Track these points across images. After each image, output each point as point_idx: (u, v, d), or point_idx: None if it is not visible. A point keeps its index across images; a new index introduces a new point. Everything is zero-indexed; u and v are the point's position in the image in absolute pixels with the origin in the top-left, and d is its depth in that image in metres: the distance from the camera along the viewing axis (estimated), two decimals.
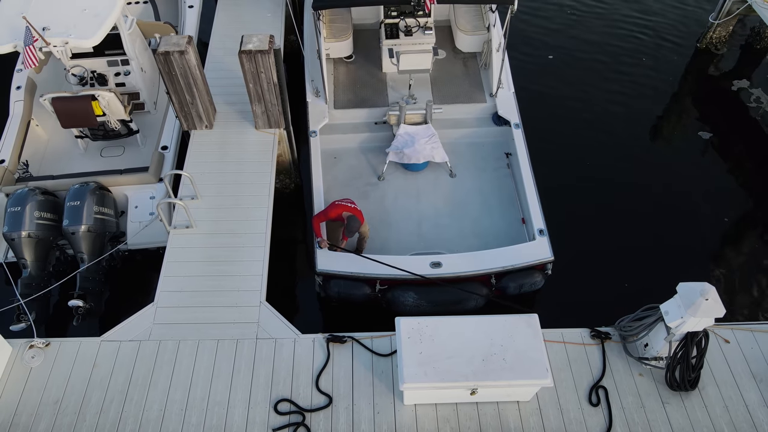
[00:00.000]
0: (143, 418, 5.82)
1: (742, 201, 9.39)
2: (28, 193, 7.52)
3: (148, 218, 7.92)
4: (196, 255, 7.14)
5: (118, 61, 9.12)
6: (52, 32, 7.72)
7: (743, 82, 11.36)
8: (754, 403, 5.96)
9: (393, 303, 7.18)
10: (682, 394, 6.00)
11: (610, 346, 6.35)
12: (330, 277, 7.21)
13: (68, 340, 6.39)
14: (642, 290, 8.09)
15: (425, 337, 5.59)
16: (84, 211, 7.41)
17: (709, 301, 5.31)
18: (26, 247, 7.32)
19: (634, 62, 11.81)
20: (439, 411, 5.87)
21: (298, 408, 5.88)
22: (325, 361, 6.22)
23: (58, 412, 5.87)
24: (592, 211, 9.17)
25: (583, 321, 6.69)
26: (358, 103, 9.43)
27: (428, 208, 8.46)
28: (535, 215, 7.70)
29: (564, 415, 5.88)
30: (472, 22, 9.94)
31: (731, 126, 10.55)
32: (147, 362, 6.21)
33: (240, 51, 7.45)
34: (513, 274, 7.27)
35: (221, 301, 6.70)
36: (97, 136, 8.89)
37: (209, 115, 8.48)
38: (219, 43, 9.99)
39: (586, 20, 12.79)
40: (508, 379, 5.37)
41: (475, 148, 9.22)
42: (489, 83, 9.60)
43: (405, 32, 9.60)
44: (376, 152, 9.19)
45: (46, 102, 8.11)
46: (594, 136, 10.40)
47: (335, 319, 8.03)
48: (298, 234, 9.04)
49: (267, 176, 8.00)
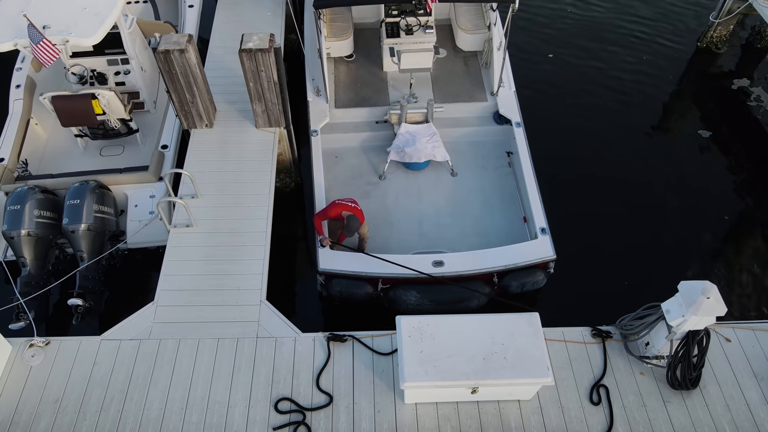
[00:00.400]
0: (143, 417, 5.81)
1: (743, 199, 9.38)
2: (28, 192, 7.51)
3: (148, 217, 7.92)
4: (196, 254, 7.12)
5: (118, 60, 9.11)
6: (52, 31, 7.71)
7: (744, 81, 11.36)
8: (756, 401, 5.95)
9: (395, 302, 7.17)
10: (683, 392, 6.00)
11: (611, 345, 6.34)
12: (332, 277, 7.19)
13: (68, 339, 6.38)
14: (643, 289, 8.08)
15: (426, 335, 5.58)
16: (84, 209, 7.40)
17: (710, 300, 5.30)
18: (26, 246, 7.31)
19: (634, 61, 11.80)
20: (440, 410, 5.86)
21: (299, 407, 5.87)
22: (326, 359, 6.21)
23: (58, 411, 5.86)
24: (592, 210, 9.15)
25: (584, 320, 6.69)
26: (359, 102, 9.41)
27: (430, 207, 8.45)
28: (537, 214, 7.68)
29: (565, 413, 5.87)
30: (473, 20, 9.93)
31: (731, 125, 10.55)
32: (147, 361, 6.20)
33: (240, 49, 7.44)
34: (515, 273, 7.25)
35: (221, 300, 6.69)
36: (97, 135, 8.88)
37: (209, 114, 8.47)
38: (219, 42, 9.98)
39: (586, 19, 12.78)
40: (509, 377, 5.36)
41: (477, 147, 9.21)
42: (490, 82, 9.58)
43: (406, 31, 9.58)
44: (377, 151, 9.18)
45: (45, 101, 8.10)
46: (595, 135, 10.39)
47: (336, 318, 8.01)
48: (299, 233, 9.02)
49: (267, 175, 7.99)
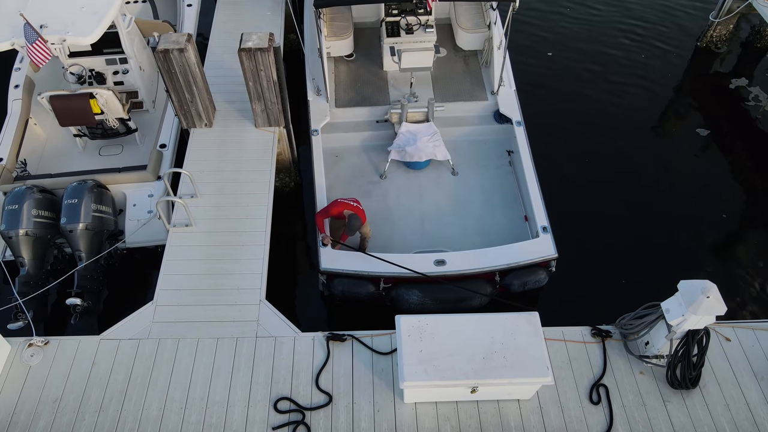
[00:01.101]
0: (142, 417, 5.80)
1: (744, 199, 9.37)
2: (26, 191, 7.49)
3: (147, 216, 7.90)
4: (195, 253, 7.11)
5: (117, 59, 9.10)
6: (49, 30, 7.70)
7: (743, 80, 11.35)
8: (755, 401, 5.95)
9: (397, 301, 7.16)
10: (683, 392, 5.99)
11: (611, 344, 6.33)
12: (334, 276, 7.18)
13: (67, 339, 6.37)
14: (643, 288, 8.06)
15: (425, 335, 5.57)
16: (82, 209, 7.38)
17: (710, 299, 5.29)
18: (24, 246, 7.29)
19: (634, 60, 11.79)
20: (440, 409, 5.86)
21: (298, 406, 5.86)
22: (325, 359, 6.20)
23: (57, 411, 5.84)
24: (591, 210, 9.15)
25: (584, 319, 6.68)
26: (360, 101, 9.41)
27: (431, 206, 8.44)
28: (538, 212, 7.69)
29: (565, 413, 5.87)
30: (473, 20, 9.93)
31: (731, 124, 10.54)
32: (146, 361, 6.18)
33: (239, 49, 7.42)
34: (517, 272, 7.25)
35: (221, 300, 6.67)
36: (96, 135, 8.87)
37: (209, 114, 8.46)
38: (219, 41, 9.97)
39: (586, 19, 12.76)
40: (509, 377, 5.35)
41: (477, 146, 9.21)
42: (490, 81, 9.58)
43: (406, 30, 9.59)
44: (378, 151, 9.17)
45: (44, 100, 8.09)
46: (594, 134, 10.38)
47: (335, 318, 8.01)
48: (298, 232, 9.01)
49: (267, 174, 7.98)
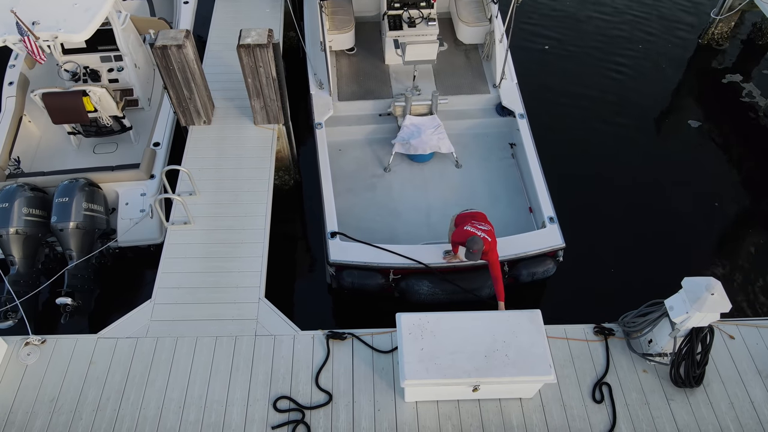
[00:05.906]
0: (140, 416, 5.73)
1: (747, 197, 9.32)
2: (17, 190, 7.42)
3: (139, 215, 7.80)
4: (194, 251, 7.05)
5: (111, 56, 9.01)
6: (41, 27, 7.61)
7: (744, 77, 11.30)
8: (760, 399, 5.90)
9: (407, 292, 7.12)
10: (686, 390, 5.94)
11: (614, 343, 6.28)
12: (343, 268, 7.13)
13: (64, 337, 6.30)
14: (646, 285, 7.98)
15: (426, 332, 5.51)
16: (73, 207, 7.30)
17: (714, 296, 5.24)
18: (14, 244, 7.22)
19: (635, 56, 11.73)
20: (441, 408, 5.80)
21: (298, 405, 5.80)
22: (325, 357, 6.14)
23: (53, 410, 5.78)
24: (593, 207, 9.09)
25: (587, 317, 6.63)
26: (363, 95, 9.37)
27: (436, 198, 8.44)
28: (544, 203, 7.69)
29: (567, 411, 5.81)
30: (474, 13, 9.89)
31: (732, 121, 10.50)
32: (144, 359, 6.12)
33: (238, 45, 7.36)
34: (525, 262, 7.24)
35: (220, 298, 6.61)
36: (90, 133, 8.78)
37: (207, 111, 8.39)
38: (217, 38, 9.90)
39: (586, 13, 12.72)
40: (511, 375, 5.29)
41: (480, 138, 9.20)
42: (492, 74, 9.56)
43: (408, 23, 9.55)
44: (382, 144, 9.14)
45: (37, 98, 8.02)
46: (594, 134, 10.31)
47: (335, 316, 7.95)
48: (298, 230, 8.95)
49: (266, 172, 7.91)
